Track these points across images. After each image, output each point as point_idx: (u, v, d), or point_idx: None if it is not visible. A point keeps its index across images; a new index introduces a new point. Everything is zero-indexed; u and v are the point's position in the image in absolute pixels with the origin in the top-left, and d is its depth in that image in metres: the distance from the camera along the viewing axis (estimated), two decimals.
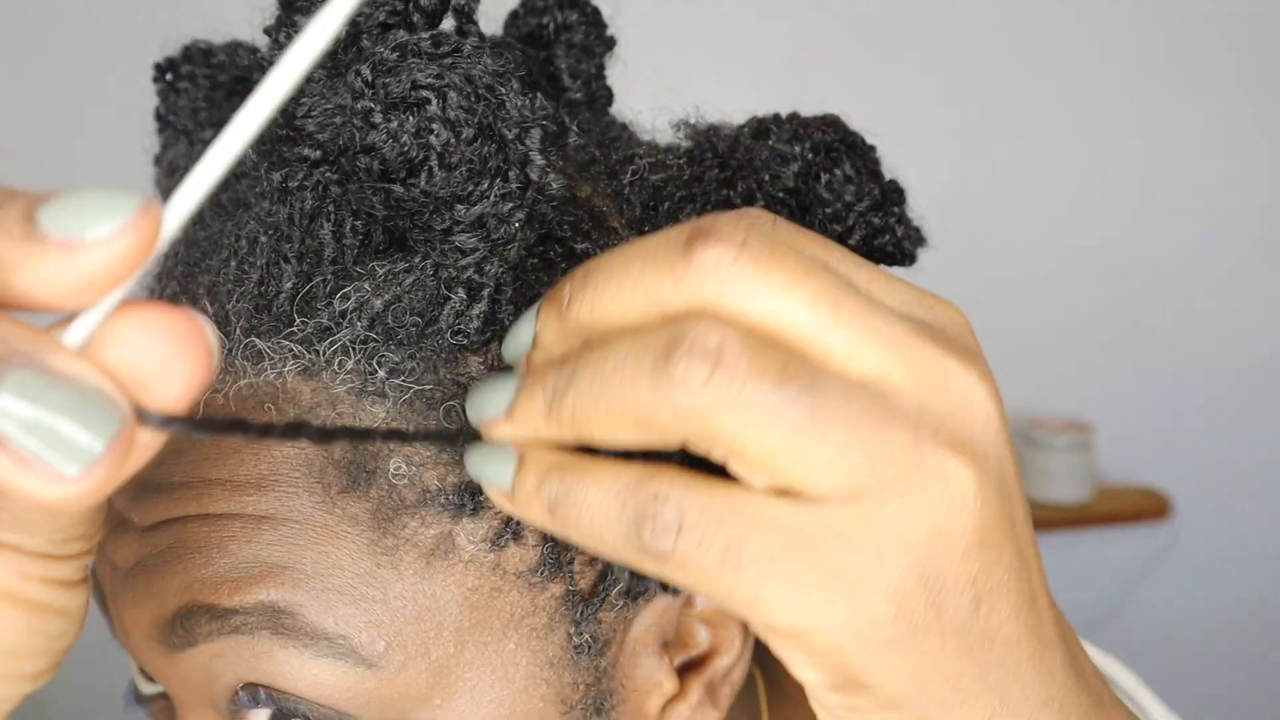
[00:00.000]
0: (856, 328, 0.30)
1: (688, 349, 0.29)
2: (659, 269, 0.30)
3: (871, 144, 0.43)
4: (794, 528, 0.29)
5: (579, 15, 0.47)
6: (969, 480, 0.30)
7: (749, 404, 0.29)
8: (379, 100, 0.35)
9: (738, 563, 0.29)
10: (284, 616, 0.37)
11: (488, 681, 0.39)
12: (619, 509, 0.30)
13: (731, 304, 0.30)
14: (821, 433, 0.29)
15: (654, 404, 0.29)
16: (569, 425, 0.31)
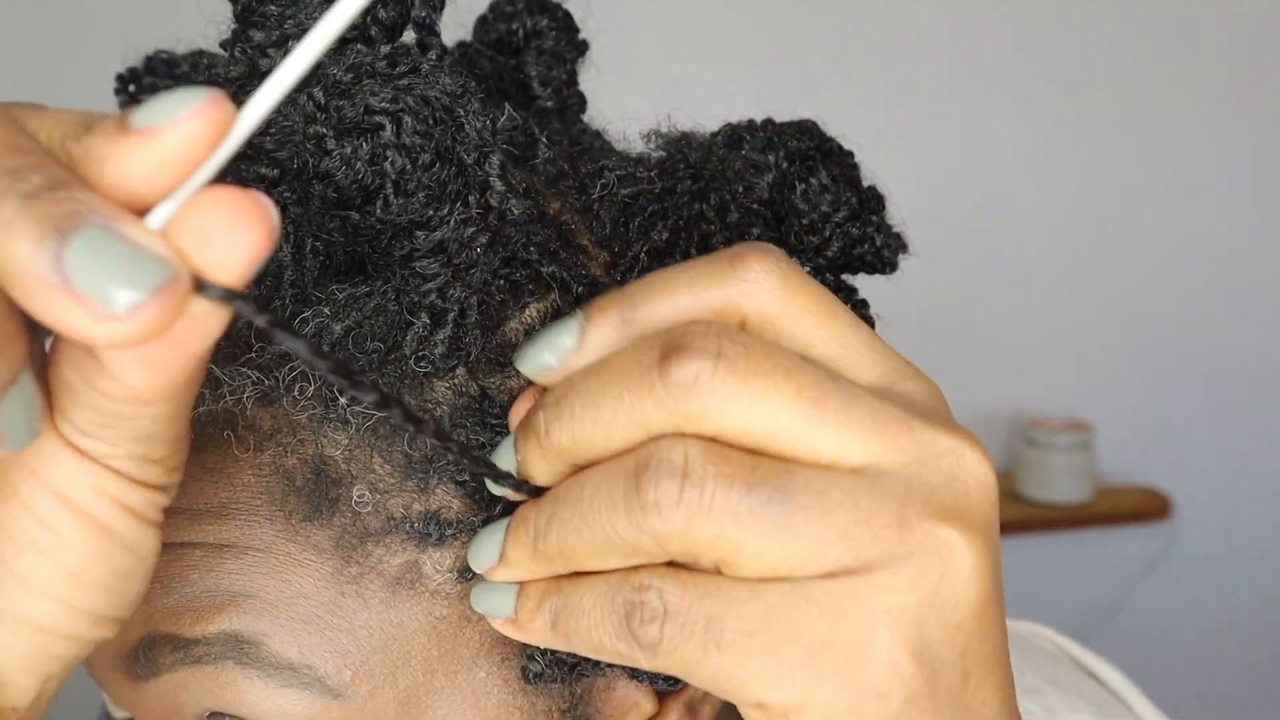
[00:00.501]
0: (841, 422, 0.30)
1: (654, 471, 0.29)
2: (636, 391, 0.30)
3: (849, 150, 0.43)
4: (774, 600, 0.30)
5: (549, 20, 0.47)
6: (965, 550, 0.30)
7: (721, 513, 0.29)
8: (332, 125, 0.34)
9: (719, 641, 0.30)
10: (247, 646, 0.37)
11: (459, 710, 0.38)
12: (610, 605, 0.31)
13: (714, 418, 0.30)
14: (799, 529, 0.29)
15: (634, 532, 0.30)
16: (558, 560, 0.32)
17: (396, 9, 0.37)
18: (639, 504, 0.30)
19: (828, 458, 0.30)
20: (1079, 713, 0.64)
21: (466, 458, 0.33)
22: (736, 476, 0.29)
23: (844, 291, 0.43)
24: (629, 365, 0.31)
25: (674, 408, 0.30)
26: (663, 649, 0.30)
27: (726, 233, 0.42)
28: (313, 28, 0.26)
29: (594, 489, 0.31)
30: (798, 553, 0.29)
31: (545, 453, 0.32)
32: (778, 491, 0.29)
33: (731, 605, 0.30)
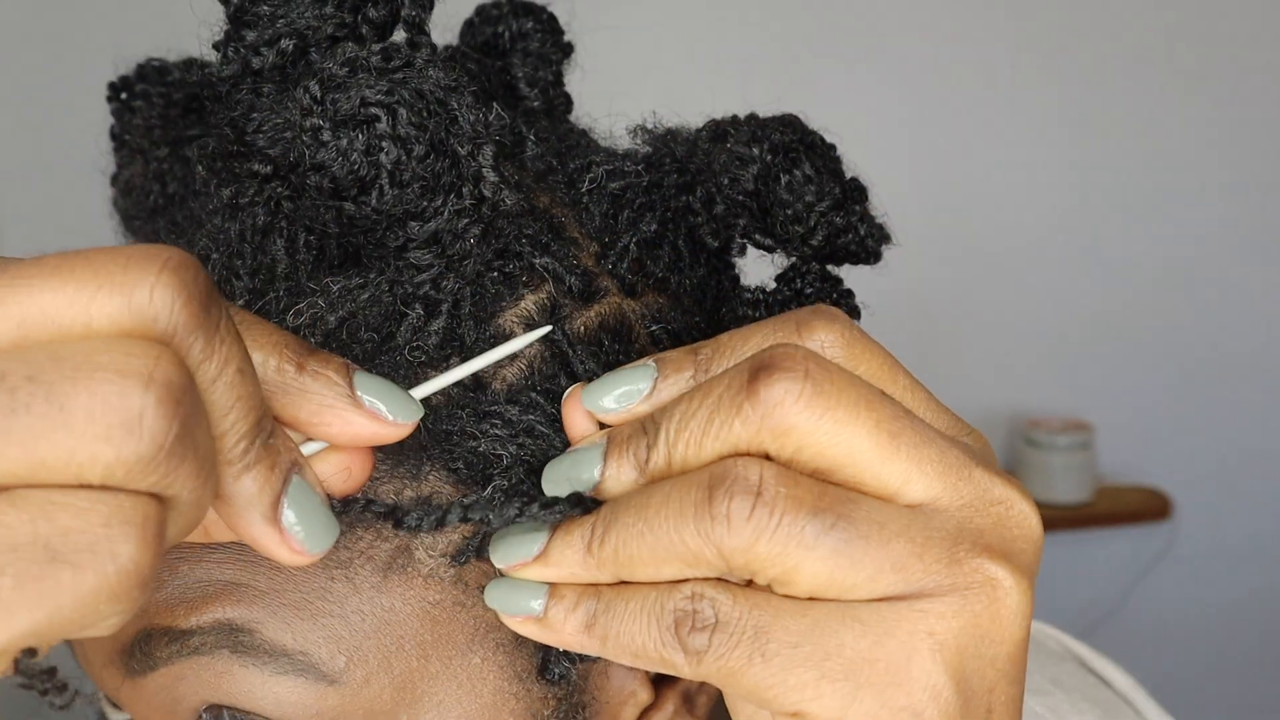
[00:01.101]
0: (914, 457, 0.32)
1: (729, 487, 0.31)
2: (727, 410, 0.32)
3: (831, 143, 0.43)
4: (820, 615, 0.31)
5: (534, 22, 0.48)
6: (1012, 587, 0.32)
7: (788, 534, 0.31)
8: (328, 117, 0.35)
9: (765, 651, 0.31)
10: (241, 634, 0.37)
11: (454, 696, 0.39)
12: (658, 612, 0.32)
13: (797, 435, 0.31)
14: (857, 556, 0.31)
15: (700, 542, 0.31)
16: (610, 565, 0.33)
17: (387, 8, 0.38)
18: (709, 514, 0.31)
19: (892, 489, 0.32)
20: (1084, 715, 0.64)
21: (547, 505, 0.34)
22: (805, 501, 0.31)
23: (830, 282, 0.44)
24: (721, 387, 0.33)
25: (761, 423, 0.32)
26: (709, 656, 0.32)
27: (713, 224, 0.43)
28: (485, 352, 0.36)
29: (664, 497, 0.32)
30: (852, 578, 0.31)
31: (641, 473, 0.34)
32: (842, 519, 0.31)
33: (779, 618, 0.31)
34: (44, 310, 0.25)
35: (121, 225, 0.50)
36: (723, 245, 0.44)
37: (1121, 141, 2.11)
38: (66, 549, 0.24)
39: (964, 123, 2.10)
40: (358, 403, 0.33)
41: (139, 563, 0.25)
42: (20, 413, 0.24)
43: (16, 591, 0.24)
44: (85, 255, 0.26)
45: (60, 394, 0.24)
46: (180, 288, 0.26)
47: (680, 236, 0.43)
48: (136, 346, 0.25)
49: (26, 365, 0.25)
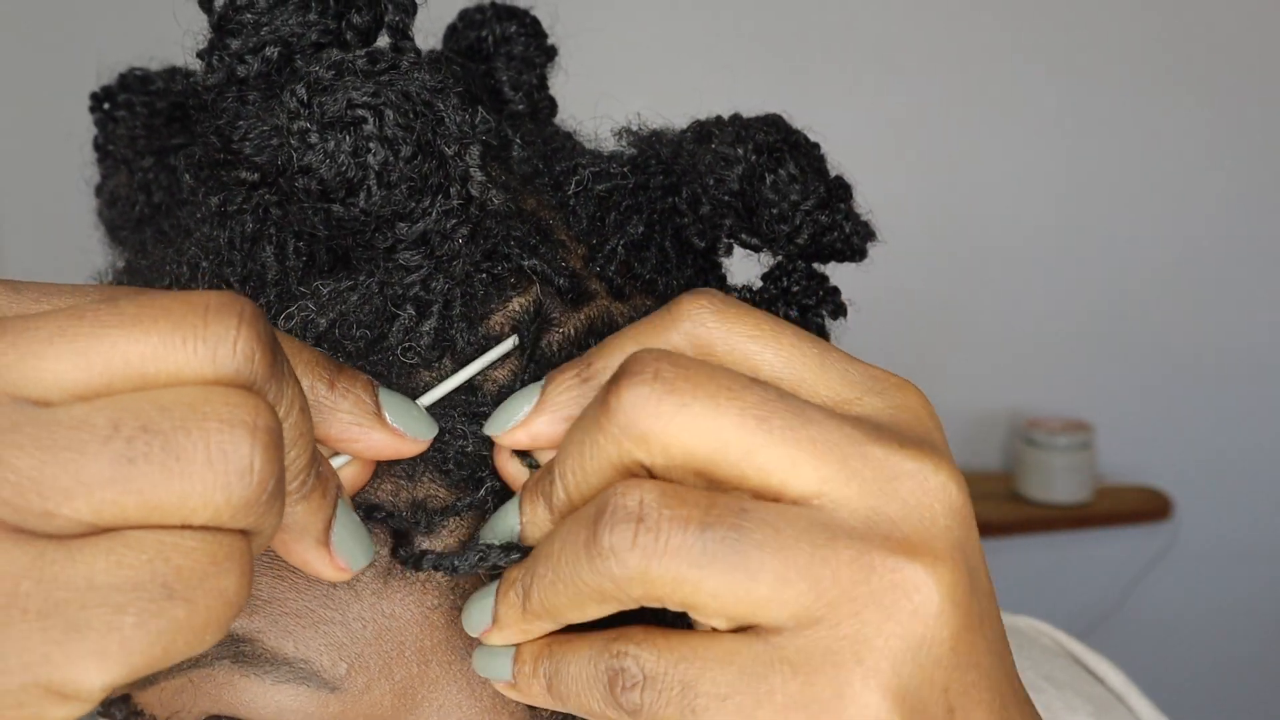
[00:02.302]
0: (791, 440, 0.30)
1: (610, 517, 0.30)
2: (593, 430, 0.32)
3: (815, 141, 0.44)
4: (746, 662, 0.30)
5: (518, 26, 0.48)
6: (932, 587, 0.30)
7: (677, 555, 0.30)
8: (315, 120, 0.35)
9: (694, 707, 0.30)
10: (243, 644, 0.37)
11: (454, 701, 0.39)
12: (594, 672, 0.32)
13: (657, 438, 0.31)
14: (754, 567, 0.30)
15: (597, 579, 0.31)
16: (544, 617, 0.33)
17: (370, 14, 0.38)
18: (597, 551, 0.31)
19: (777, 480, 0.30)
20: (1076, 711, 0.64)
21: (481, 554, 0.36)
22: (691, 518, 0.30)
23: (816, 280, 0.45)
24: (587, 409, 0.33)
25: (622, 435, 0.31)
26: (644, 715, 0.31)
27: (700, 224, 0.44)
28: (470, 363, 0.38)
29: (561, 541, 0.32)
30: (756, 591, 0.30)
31: (551, 511, 0.34)
32: (732, 530, 0.30)
33: (706, 669, 0.30)
34: (129, 361, 0.27)
35: (107, 236, 0.50)
36: (709, 245, 0.44)
37: (1122, 141, 2.12)
38: (181, 586, 0.26)
39: (963, 122, 2.11)
40: (383, 421, 0.34)
41: (240, 594, 0.27)
42: (139, 462, 0.26)
43: (138, 629, 0.25)
44: (163, 305, 0.27)
45: (176, 445, 0.26)
46: (258, 340, 0.28)
47: (667, 238, 0.44)
48: (234, 396, 0.27)
49: (137, 416, 0.26)
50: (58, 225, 0.52)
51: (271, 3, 0.37)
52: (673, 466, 0.31)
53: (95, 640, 0.25)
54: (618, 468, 0.32)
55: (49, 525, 0.25)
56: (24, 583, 0.25)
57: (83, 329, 0.26)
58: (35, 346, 0.26)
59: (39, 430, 0.26)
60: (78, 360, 0.26)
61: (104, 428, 0.26)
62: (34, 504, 0.25)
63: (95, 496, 0.25)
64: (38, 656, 0.25)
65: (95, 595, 0.25)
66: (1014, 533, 2.07)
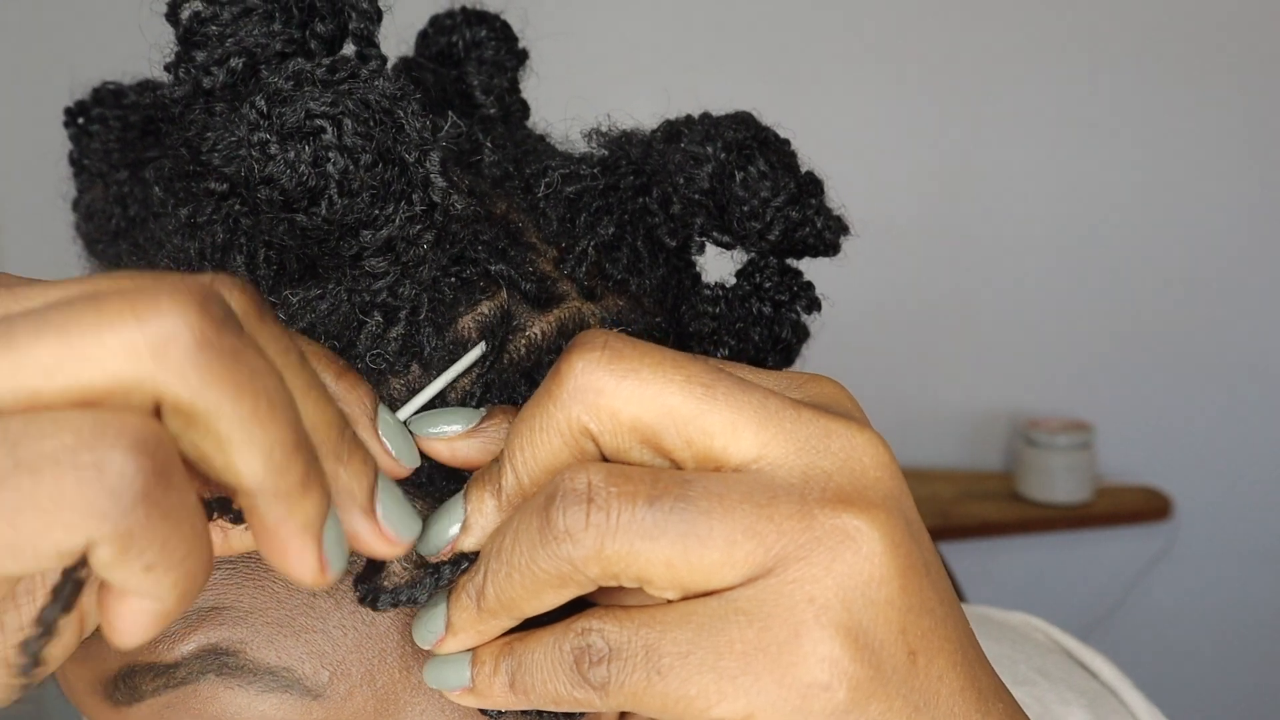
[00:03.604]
0: (733, 405, 0.32)
1: (561, 500, 0.32)
2: (543, 403, 0.33)
3: (785, 138, 0.45)
4: (704, 619, 0.32)
5: (488, 30, 0.49)
6: (869, 530, 0.32)
7: (628, 530, 0.31)
8: (274, 131, 0.36)
9: (659, 667, 0.32)
10: (227, 656, 0.38)
11: (437, 705, 0.39)
12: (559, 655, 0.33)
13: (608, 404, 0.32)
14: (703, 533, 0.31)
15: (553, 563, 0.32)
16: (501, 613, 0.34)
17: (334, 23, 0.39)
18: (551, 535, 0.32)
19: (720, 444, 0.32)
20: (1070, 705, 0.65)
21: (434, 577, 0.37)
22: (639, 494, 0.32)
23: (789, 275, 0.45)
24: (537, 392, 0.34)
25: (569, 401, 0.33)
26: (612, 686, 0.32)
27: (671, 223, 0.44)
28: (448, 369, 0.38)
29: (514, 532, 0.33)
30: (708, 556, 0.31)
31: (498, 499, 0.35)
32: (680, 500, 0.31)
33: (666, 631, 0.32)
34: None
35: (85, 250, 0.51)
36: (681, 244, 0.45)
37: (1123, 142, 2.13)
38: (28, 454, 0.24)
39: (963, 122, 2.12)
40: (376, 435, 0.35)
41: (132, 479, 0.25)
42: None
43: None
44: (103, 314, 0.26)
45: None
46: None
47: (639, 237, 0.44)
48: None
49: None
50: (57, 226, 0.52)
51: (236, 14, 0.38)
52: (620, 432, 0.33)
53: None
54: (567, 440, 0.33)
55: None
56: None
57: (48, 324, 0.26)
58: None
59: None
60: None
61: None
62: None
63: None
64: None
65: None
66: (1014, 533, 2.07)
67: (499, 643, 0.36)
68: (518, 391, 0.40)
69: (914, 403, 2.18)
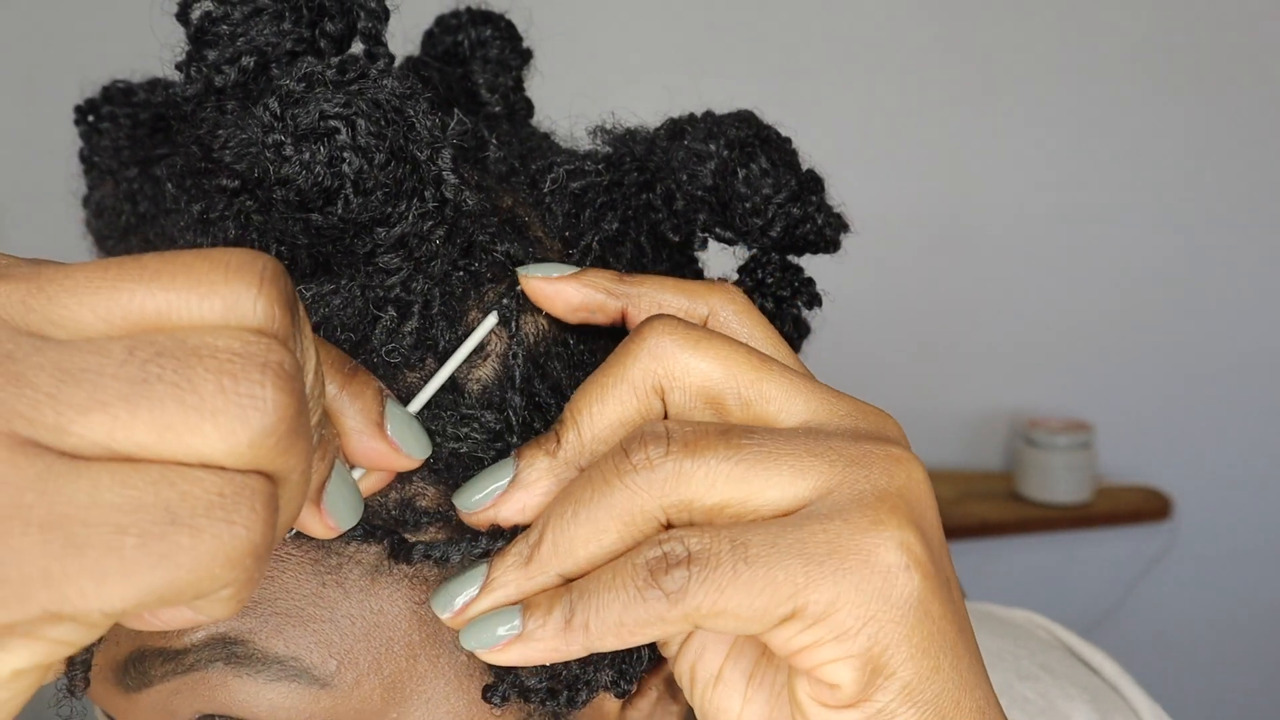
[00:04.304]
0: (785, 376, 0.37)
1: (641, 439, 0.35)
2: (618, 366, 0.37)
3: (786, 136, 0.46)
4: (785, 521, 0.34)
5: (493, 30, 0.50)
6: (915, 461, 0.36)
7: (706, 459, 0.34)
8: (289, 133, 0.36)
9: (747, 555, 0.33)
10: (235, 645, 0.38)
11: (443, 693, 0.40)
12: (631, 571, 0.34)
13: (681, 360, 0.36)
14: (774, 464, 0.34)
15: (628, 495, 0.34)
16: (551, 561, 0.36)
17: (343, 22, 0.39)
18: (630, 466, 0.34)
19: (775, 407, 0.36)
20: (1073, 700, 0.66)
21: (471, 540, 0.38)
22: (711, 430, 0.35)
23: (791, 272, 0.46)
24: (611, 365, 0.37)
25: (646, 357, 0.36)
26: (691, 587, 0.33)
27: (674, 219, 0.45)
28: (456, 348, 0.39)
29: (585, 478, 0.35)
30: (777, 478, 0.34)
31: (551, 456, 0.38)
32: (747, 437, 0.35)
33: (751, 528, 0.34)
34: (145, 313, 0.27)
35: (95, 246, 0.51)
36: (684, 240, 0.46)
37: (1123, 140, 2.13)
38: (186, 513, 0.26)
39: (963, 121, 2.12)
40: (383, 433, 0.35)
41: (253, 531, 0.27)
42: (153, 383, 0.26)
43: (139, 551, 0.25)
44: (185, 261, 0.27)
45: (189, 369, 0.26)
46: (278, 297, 0.28)
47: (642, 233, 0.45)
48: (250, 335, 0.27)
49: (153, 344, 0.26)
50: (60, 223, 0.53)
51: (246, 13, 0.38)
52: (689, 389, 0.36)
53: (94, 559, 0.25)
54: (639, 394, 0.37)
55: (62, 442, 0.25)
56: (28, 494, 0.25)
57: (105, 280, 0.27)
58: (60, 295, 0.27)
59: (60, 355, 0.26)
60: (97, 308, 0.27)
61: (120, 352, 0.26)
62: (48, 418, 0.25)
63: (108, 414, 0.25)
64: (37, 570, 0.25)
65: (97, 513, 0.25)
66: (1014, 533, 2.07)
67: (552, 590, 0.36)
68: (531, 384, 0.41)
69: (914, 402, 2.19)
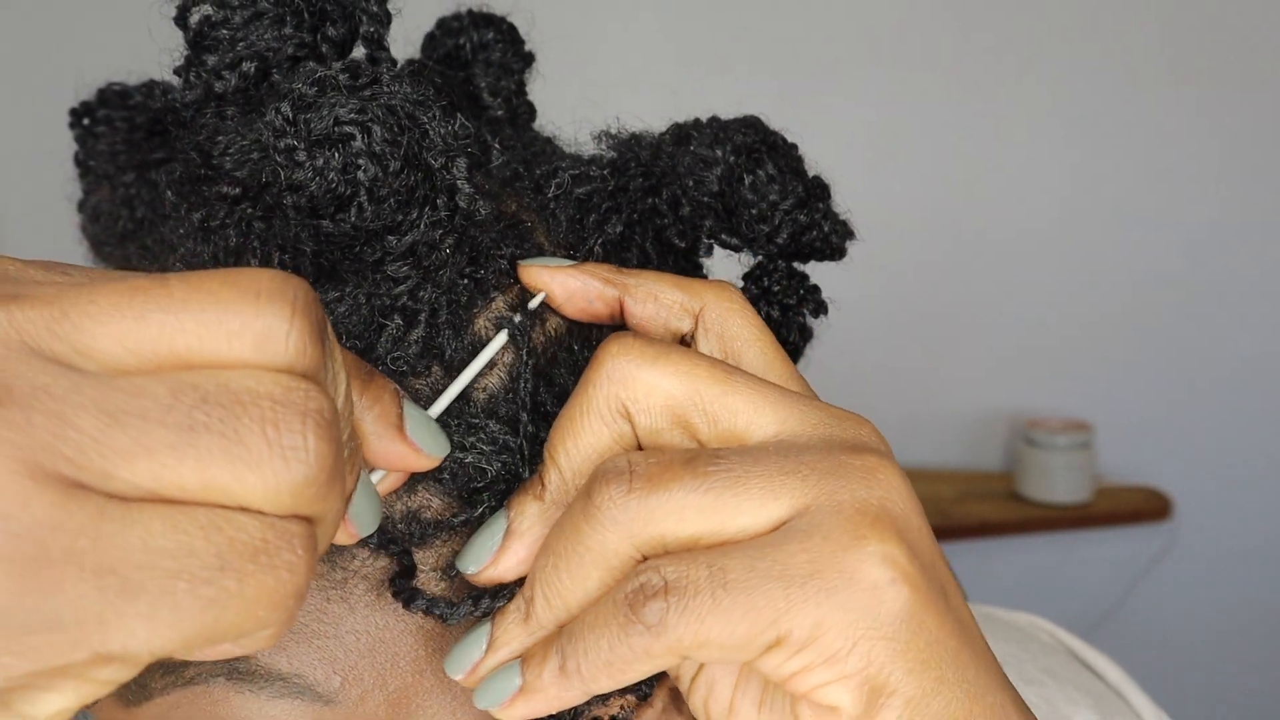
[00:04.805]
0: (751, 387, 0.36)
1: (603, 479, 0.34)
2: (581, 396, 0.37)
3: (793, 143, 0.45)
4: (763, 542, 0.33)
5: (495, 33, 0.49)
6: (891, 469, 0.35)
7: (671, 492, 0.34)
8: (302, 138, 0.36)
9: (725, 581, 0.32)
10: (238, 661, 0.38)
11: (448, 708, 0.40)
12: (612, 609, 0.33)
13: (643, 381, 0.36)
14: (743, 483, 0.33)
15: (600, 537, 0.34)
16: (547, 613, 0.36)
17: (346, 26, 0.39)
18: (595, 509, 0.34)
19: (743, 421, 0.36)
20: (1076, 704, 0.65)
21: (473, 601, 0.38)
22: (675, 459, 0.34)
23: (796, 279, 0.45)
24: (574, 393, 0.37)
25: (606, 382, 0.36)
26: (670, 616, 0.32)
27: (680, 225, 0.44)
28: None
29: (558, 527, 0.35)
30: (748, 502, 0.33)
31: (539, 499, 0.37)
32: (714, 460, 0.34)
33: (729, 552, 0.33)
34: (175, 349, 0.27)
35: (91, 251, 0.51)
36: (690, 246, 0.45)
37: (1123, 141, 2.13)
38: (235, 559, 0.26)
39: (962, 121, 2.12)
40: (403, 434, 0.35)
41: (296, 575, 0.27)
42: (200, 431, 0.26)
43: (189, 596, 0.25)
44: (211, 290, 0.27)
45: (235, 419, 0.26)
46: (310, 331, 0.28)
47: (648, 238, 0.45)
48: (288, 380, 0.27)
49: (196, 389, 0.26)
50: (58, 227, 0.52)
51: (246, 18, 0.38)
52: (654, 410, 0.36)
53: (147, 603, 0.25)
54: (606, 420, 0.36)
55: (108, 485, 0.25)
56: (82, 539, 0.25)
57: (133, 310, 0.27)
58: (86, 323, 0.26)
59: (100, 393, 0.26)
60: (126, 341, 0.27)
61: (165, 396, 0.26)
62: (94, 462, 0.25)
63: (155, 461, 0.25)
64: (92, 615, 0.25)
65: (150, 558, 0.25)
66: (1014, 533, 2.08)
67: (546, 638, 0.36)
68: (538, 396, 0.40)
69: (914, 403, 2.19)
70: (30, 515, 0.24)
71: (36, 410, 0.25)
